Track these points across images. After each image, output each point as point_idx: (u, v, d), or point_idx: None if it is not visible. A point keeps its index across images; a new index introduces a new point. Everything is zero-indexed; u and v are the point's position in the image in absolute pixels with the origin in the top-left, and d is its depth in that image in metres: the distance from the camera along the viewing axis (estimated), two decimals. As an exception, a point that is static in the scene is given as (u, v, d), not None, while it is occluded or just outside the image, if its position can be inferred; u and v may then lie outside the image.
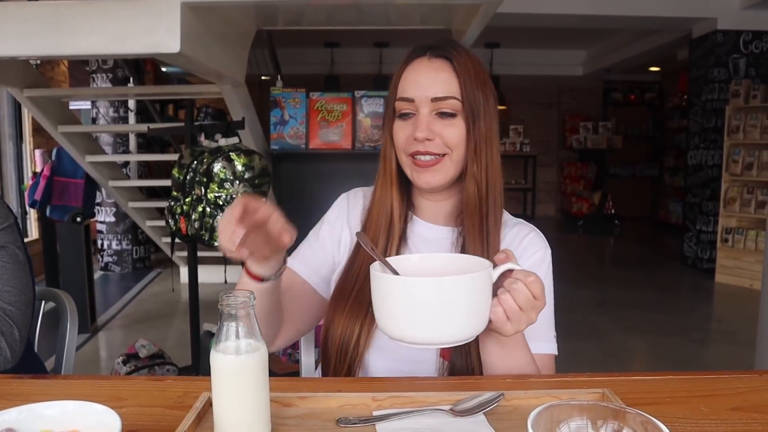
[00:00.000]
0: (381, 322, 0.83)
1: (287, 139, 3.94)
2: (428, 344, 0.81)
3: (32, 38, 2.60)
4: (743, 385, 0.92)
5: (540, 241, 1.11)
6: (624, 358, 3.81)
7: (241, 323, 0.72)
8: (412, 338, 0.80)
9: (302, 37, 6.67)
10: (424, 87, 1.03)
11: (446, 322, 0.79)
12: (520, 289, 0.83)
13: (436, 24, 4.63)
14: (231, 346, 0.72)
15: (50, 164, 4.55)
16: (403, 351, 1.03)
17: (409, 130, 1.05)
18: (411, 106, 1.04)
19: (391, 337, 0.83)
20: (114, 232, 5.90)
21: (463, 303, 0.79)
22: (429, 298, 0.78)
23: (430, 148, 1.03)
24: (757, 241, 5.34)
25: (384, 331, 0.84)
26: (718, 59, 5.76)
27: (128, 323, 4.40)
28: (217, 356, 0.72)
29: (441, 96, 1.02)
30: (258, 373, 0.73)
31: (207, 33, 3.00)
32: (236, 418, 0.73)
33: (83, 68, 6.21)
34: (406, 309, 0.79)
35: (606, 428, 0.69)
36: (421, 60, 1.05)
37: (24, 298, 1.25)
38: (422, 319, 0.79)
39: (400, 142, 1.06)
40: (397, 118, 1.07)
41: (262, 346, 0.74)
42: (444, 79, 1.03)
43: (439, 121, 1.03)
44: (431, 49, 1.05)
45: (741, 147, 5.56)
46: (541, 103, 10.20)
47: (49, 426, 0.68)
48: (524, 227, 1.13)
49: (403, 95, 1.05)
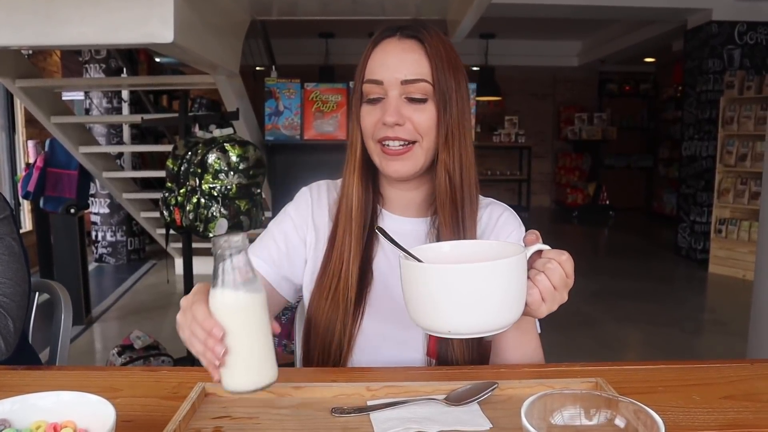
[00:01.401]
0: (419, 315, 0.78)
1: (282, 130, 3.92)
2: (471, 334, 0.77)
3: (23, 28, 2.58)
4: (735, 374, 0.93)
5: (514, 220, 1.11)
6: (617, 348, 3.83)
7: (238, 262, 0.71)
8: (457, 329, 0.76)
9: (297, 28, 6.64)
10: (393, 68, 0.98)
11: (490, 309, 0.76)
12: (555, 269, 0.81)
13: (431, 14, 4.62)
14: (229, 283, 0.71)
15: (43, 155, 4.51)
16: (388, 351, 1.03)
17: (377, 114, 1.00)
18: (379, 90, 0.99)
19: (429, 329, 0.79)
20: (108, 224, 5.88)
21: (504, 288, 0.76)
22: (469, 285, 0.74)
23: (400, 134, 0.98)
24: (751, 232, 5.36)
25: (421, 325, 0.79)
26: (712, 50, 5.76)
27: (123, 315, 4.40)
28: (217, 294, 0.71)
29: (411, 78, 0.98)
30: (260, 310, 0.72)
31: (200, 23, 2.98)
32: (243, 355, 0.71)
33: (76, 58, 6.17)
34: (449, 298, 0.74)
35: (599, 417, 0.70)
36: (390, 40, 1.00)
37: (19, 290, 1.25)
38: (464, 308, 0.75)
39: (368, 128, 1.01)
40: (364, 102, 1.02)
41: (260, 285, 0.73)
42: (414, 60, 0.98)
43: (409, 105, 0.99)
44: (401, 29, 1.00)
45: (735, 138, 5.57)
46: (536, 94, 10.19)
47: (43, 417, 0.68)
48: (497, 207, 1.12)
49: (371, 77, 1.00)
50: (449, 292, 0.75)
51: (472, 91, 3.99)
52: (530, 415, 0.66)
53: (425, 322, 0.78)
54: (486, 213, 1.10)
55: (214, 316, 0.71)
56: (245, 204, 2.75)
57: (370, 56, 1.01)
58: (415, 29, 1.00)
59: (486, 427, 0.75)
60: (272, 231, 1.11)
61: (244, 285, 0.71)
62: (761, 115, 5.34)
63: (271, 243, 1.09)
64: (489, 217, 1.10)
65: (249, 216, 2.79)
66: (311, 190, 1.14)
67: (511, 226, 1.10)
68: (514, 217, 1.11)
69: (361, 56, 1.03)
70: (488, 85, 8.16)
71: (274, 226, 1.12)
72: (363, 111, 1.02)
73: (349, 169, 1.05)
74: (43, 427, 0.67)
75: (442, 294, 0.75)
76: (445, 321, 0.76)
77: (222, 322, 0.71)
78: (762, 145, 5.27)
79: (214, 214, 2.67)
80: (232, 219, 2.71)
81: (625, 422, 0.68)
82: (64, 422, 0.68)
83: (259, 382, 0.72)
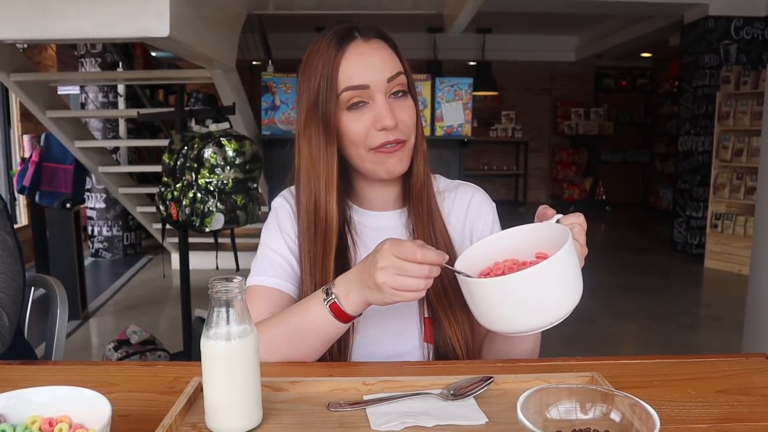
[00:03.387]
0: (505, 323, 0.83)
1: (278, 125, 3.92)
2: (549, 324, 0.82)
3: (19, 21, 2.57)
4: (730, 368, 0.93)
5: (486, 199, 1.13)
6: (613, 342, 3.85)
7: (232, 309, 0.72)
8: (539, 323, 0.82)
9: (293, 22, 6.62)
10: (375, 69, 0.96)
11: (565, 296, 0.81)
12: (579, 232, 0.87)
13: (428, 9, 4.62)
14: (222, 332, 0.72)
15: (39, 150, 4.50)
16: (386, 344, 1.03)
17: (366, 120, 0.96)
18: (365, 94, 0.96)
19: (509, 332, 0.85)
20: (104, 218, 5.87)
21: (567, 274, 0.81)
22: (539, 285, 0.79)
23: (398, 136, 0.97)
24: (746, 226, 5.38)
25: (511, 331, 0.84)
26: (709, 45, 5.77)
27: (119, 310, 4.39)
28: (208, 342, 0.72)
29: (393, 74, 0.97)
30: (249, 358, 0.73)
31: (197, 17, 2.97)
32: (227, 403, 0.73)
33: (71, 53, 6.14)
34: (531, 299, 0.79)
35: (594, 411, 0.70)
36: (356, 44, 0.97)
37: (13, 284, 1.24)
38: (548, 301, 0.80)
39: (357, 136, 0.97)
40: (346, 110, 0.97)
41: (252, 331, 0.74)
42: (388, 56, 0.98)
43: (395, 103, 0.97)
44: (358, 30, 0.98)
45: (731, 133, 5.58)
46: (533, 89, 10.18)
47: (38, 412, 0.68)
48: (467, 188, 1.13)
49: (352, 84, 0.95)
50: (530, 294, 0.79)
51: (469, 85, 3.99)
52: (526, 409, 0.66)
53: (514, 327, 0.82)
54: (459, 196, 1.11)
55: (208, 360, 0.73)
56: (242, 199, 2.75)
57: (341, 63, 0.95)
58: (372, 28, 0.99)
59: (482, 422, 0.75)
60: (268, 247, 1.07)
61: (239, 331, 0.72)
62: (757, 110, 5.35)
63: (275, 257, 1.06)
64: (462, 199, 1.11)
65: (245, 211, 2.79)
66: (285, 198, 1.10)
67: (486, 207, 1.12)
68: (486, 196, 1.13)
69: (316, 69, 0.97)
70: (485, 80, 8.15)
71: (267, 241, 1.08)
72: (346, 119, 0.97)
73: (325, 188, 0.99)
74: (38, 423, 0.67)
75: (524, 297, 0.79)
76: (535, 319, 0.81)
77: (217, 367, 0.73)
78: (758, 141, 5.27)
79: (210, 209, 2.66)
80: (228, 214, 2.71)
81: (621, 416, 0.68)
82: (59, 417, 0.67)
83: (250, 425, 0.74)
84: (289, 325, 0.93)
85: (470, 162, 9.14)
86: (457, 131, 4.00)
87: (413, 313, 1.03)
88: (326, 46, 0.97)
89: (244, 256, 2.84)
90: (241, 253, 3.02)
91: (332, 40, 0.97)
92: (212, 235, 2.97)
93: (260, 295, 1.02)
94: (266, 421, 0.76)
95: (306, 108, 0.99)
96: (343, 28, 0.98)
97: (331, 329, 0.91)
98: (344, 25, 0.99)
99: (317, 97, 0.97)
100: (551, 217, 0.88)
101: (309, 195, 1.01)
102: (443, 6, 4.78)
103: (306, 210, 1.02)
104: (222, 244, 3.26)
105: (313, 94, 0.97)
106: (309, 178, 1.00)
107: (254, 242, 1.15)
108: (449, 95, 3.95)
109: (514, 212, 9.29)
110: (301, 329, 0.92)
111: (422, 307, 1.03)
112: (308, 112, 0.99)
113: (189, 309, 3.05)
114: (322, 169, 0.99)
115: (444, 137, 4.01)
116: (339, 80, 0.95)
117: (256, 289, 1.02)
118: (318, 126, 0.98)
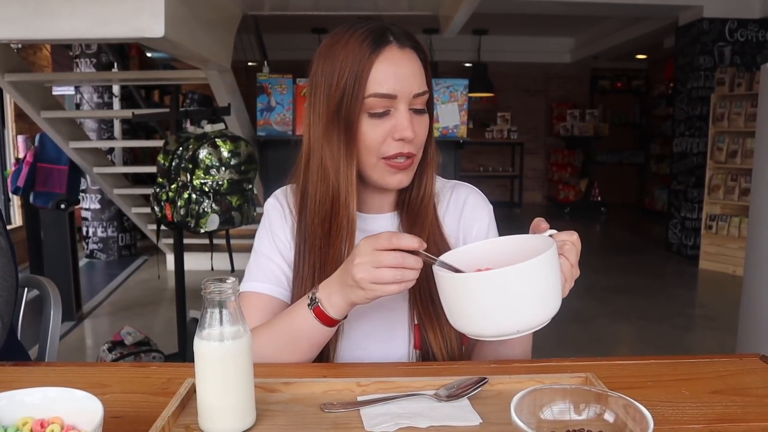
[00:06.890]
0: (465, 323, 0.80)
1: (274, 126, 3.91)
2: (512, 334, 0.78)
3: (13, 21, 2.56)
4: (724, 368, 0.94)
5: (483, 202, 1.12)
6: (608, 343, 3.85)
7: (225, 309, 0.72)
8: (502, 330, 0.78)
9: (289, 23, 6.62)
10: (405, 82, 0.93)
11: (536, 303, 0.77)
12: (571, 249, 0.85)
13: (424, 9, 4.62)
14: (215, 333, 0.72)
15: (33, 150, 4.48)
16: (375, 349, 1.02)
17: (385, 129, 0.94)
18: (390, 103, 0.93)
19: (472, 334, 0.81)
20: (99, 219, 5.85)
21: (545, 281, 0.77)
22: (515, 285, 0.75)
23: (411, 149, 0.96)
24: (741, 228, 5.39)
25: (469, 332, 0.81)
26: (703, 47, 5.79)
27: (114, 311, 4.38)
28: (201, 343, 0.72)
29: (421, 92, 0.95)
30: (242, 359, 0.73)
31: (192, 17, 2.96)
32: (220, 404, 0.73)
33: (66, 53, 6.12)
34: (499, 302, 0.76)
35: (588, 412, 0.70)
36: (391, 49, 0.93)
37: (6, 285, 1.24)
38: (516, 308, 0.76)
39: (372, 143, 0.95)
40: (368, 116, 0.94)
41: (246, 332, 0.74)
42: (418, 71, 0.95)
43: (414, 117, 0.96)
44: (393, 34, 0.94)
45: (726, 135, 5.60)
46: (528, 91, 10.20)
47: (30, 413, 0.68)
48: (462, 188, 1.12)
49: (381, 91, 0.92)
50: (497, 296, 0.75)
51: (465, 87, 4.00)
52: (520, 410, 0.66)
53: (472, 329, 0.80)
54: (453, 196, 1.11)
55: (201, 361, 0.73)
56: (237, 199, 2.74)
57: (373, 67, 0.92)
58: (407, 36, 0.96)
59: (476, 423, 0.75)
60: (261, 251, 1.06)
61: (233, 332, 0.72)
62: (752, 112, 5.36)
63: (267, 262, 1.05)
64: (456, 200, 1.10)
65: (240, 212, 2.79)
66: (277, 199, 1.10)
67: (483, 208, 1.10)
68: (482, 197, 1.12)
69: (344, 63, 0.93)
70: (481, 81, 8.16)
71: (259, 246, 1.07)
72: (367, 125, 0.94)
73: (349, 186, 0.96)
74: (29, 424, 0.67)
75: (490, 299, 0.76)
76: (500, 324, 0.77)
77: (210, 368, 0.73)
78: (752, 142, 5.29)
79: (205, 210, 2.66)
80: (223, 215, 2.71)
81: (615, 417, 0.69)
82: (51, 419, 0.67)
83: (243, 426, 0.74)
84: (277, 332, 0.94)
85: (466, 163, 9.15)
86: (453, 132, 4.00)
87: (403, 320, 1.03)
88: (358, 42, 0.92)
89: (239, 257, 2.84)
90: (236, 254, 3.02)
91: (366, 39, 0.92)
92: (207, 236, 2.97)
93: (252, 302, 1.02)
94: (260, 422, 0.76)
95: (327, 103, 0.95)
96: (378, 27, 0.94)
97: (318, 334, 0.92)
98: (378, 24, 0.95)
99: (342, 95, 0.93)
100: (544, 230, 0.86)
101: (324, 202, 0.99)
102: (439, 7, 4.79)
103: (320, 218, 1.00)
104: (217, 245, 3.25)
105: (339, 90, 0.93)
106: (327, 183, 0.98)
107: (249, 243, 1.15)
108: (445, 96, 3.95)
109: (510, 213, 9.31)
110: (289, 335, 0.93)
111: (412, 314, 1.03)
112: (330, 111, 0.94)
113: (184, 310, 3.04)
114: (342, 179, 0.96)
115: (440, 138, 4.01)
116: (368, 83, 0.92)
117: (248, 296, 1.02)
118: (340, 130, 0.94)
